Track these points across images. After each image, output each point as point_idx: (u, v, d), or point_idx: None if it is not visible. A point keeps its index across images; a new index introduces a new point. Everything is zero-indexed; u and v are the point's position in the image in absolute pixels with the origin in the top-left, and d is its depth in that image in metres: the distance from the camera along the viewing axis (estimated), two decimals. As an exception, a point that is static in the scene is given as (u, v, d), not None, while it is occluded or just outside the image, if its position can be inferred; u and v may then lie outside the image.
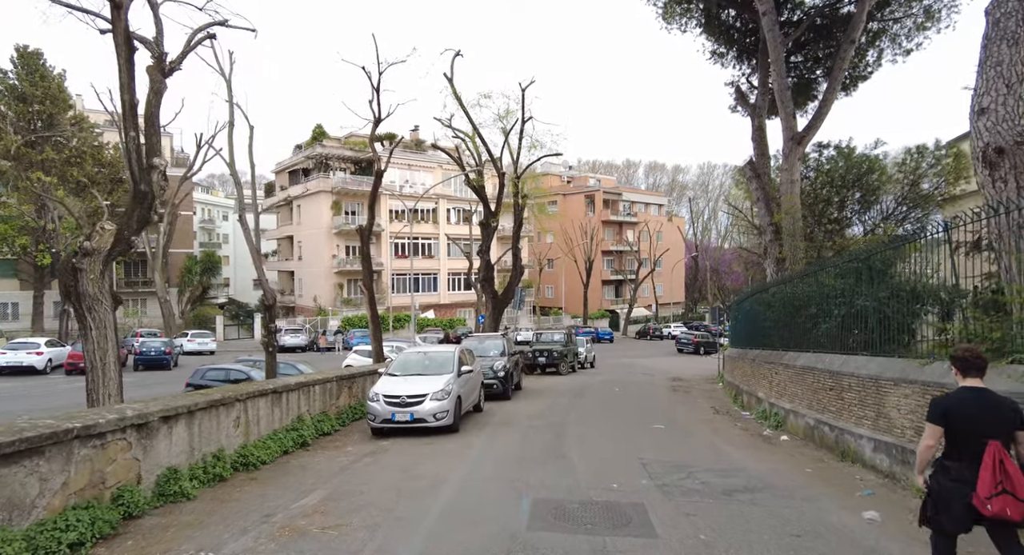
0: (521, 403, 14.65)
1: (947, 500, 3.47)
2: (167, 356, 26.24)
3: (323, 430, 10.04)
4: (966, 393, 3.57)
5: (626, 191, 75.23)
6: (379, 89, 19.98)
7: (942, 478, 3.54)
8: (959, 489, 3.41)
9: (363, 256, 21.37)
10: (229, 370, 18.28)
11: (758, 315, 15.29)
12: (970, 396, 3.54)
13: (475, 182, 26.28)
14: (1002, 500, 3.25)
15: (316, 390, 10.27)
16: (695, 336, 45.46)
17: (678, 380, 23.15)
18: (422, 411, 9.83)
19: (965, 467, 3.42)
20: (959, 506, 3.40)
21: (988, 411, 3.46)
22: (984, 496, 3.29)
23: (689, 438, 10.43)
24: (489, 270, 25.75)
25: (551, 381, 21.35)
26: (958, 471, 3.45)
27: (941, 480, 3.54)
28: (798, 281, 11.98)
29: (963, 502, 3.38)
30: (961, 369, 3.65)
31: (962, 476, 3.42)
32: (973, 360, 3.61)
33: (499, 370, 14.82)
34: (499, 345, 16.40)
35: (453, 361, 11.06)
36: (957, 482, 3.43)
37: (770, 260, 19.99)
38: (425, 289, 52.81)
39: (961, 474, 3.43)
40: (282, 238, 56.91)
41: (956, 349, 3.78)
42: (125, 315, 44.44)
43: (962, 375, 3.65)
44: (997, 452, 3.32)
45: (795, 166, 19.69)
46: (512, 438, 9.94)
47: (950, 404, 3.56)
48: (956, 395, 3.60)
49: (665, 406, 14.97)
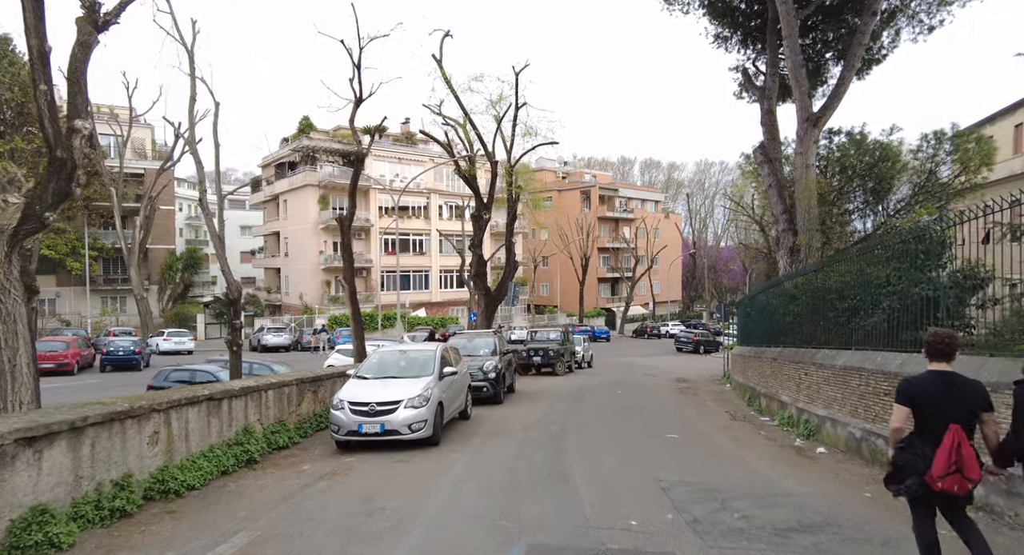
0: (514, 408, 13.10)
1: (904, 470, 3.71)
2: (136, 356, 24.52)
3: (278, 443, 8.45)
4: (931, 376, 3.73)
5: (622, 187, 73.78)
6: (360, 66, 18.37)
7: (906, 452, 3.74)
8: (915, 464, 3.63)
9: (343, 248, 19.75)
10: (195, 371, 16.69)
11: (776, 310, 13.80)
12: (935, 379, 3.70)
13: (467, 171, 24.62)
14: (952, 479, 3.47)
15: (270, 396, 8.67)
16: (695, 335, 44.06)
17: (683, 381, 21.66)
18: (395, 421, 8.26)
19: (926, 445, 3.61)
20: (913, 479, 3.63)
21: (951, 394, 3.62)
22: (936, 475, 3.50)
23: (710, 451, 8.91)
24: (481, 265, 24.18)
25: (547, 382, 19.80)
26: (920, 447, 3.64)
27: (905, 455, 3.74)
28: (829, 270, 10.47)
29: (917, 476, 3.60)
30: (928, 354, 3.80)
31: (923, 452, 3.61)
32: (937, 345, 3.74)
33: (489, 371, 13.27)
34: (490, 343, 14.85)
35: (434, 361, 9.47)
36: (916, 457, 3.64)
37: (783, 251, 18.53)
38: (416, 287, 51.19)
39: (923, 450, 3.62)
40: (268, 234, 55.16)
41: (927, 334, 3.88)
42: (102, 313, 42.63)
43: (929, 359, 3.80)
44: (956, 435, 3.49)
45: (810, 149, 18.24)
46: (503, 453, 8.37)
47: (915, 387, 3.73)
48: (921, 378, 3.77)
49: (675, 410, 13.46)
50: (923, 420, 3.67)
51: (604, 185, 69.61)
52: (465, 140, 24.47)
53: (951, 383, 3.66)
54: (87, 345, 26.13)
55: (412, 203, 51.05)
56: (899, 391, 3.79)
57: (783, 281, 14.07)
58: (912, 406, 3.70)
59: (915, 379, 3.81)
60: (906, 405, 3.72)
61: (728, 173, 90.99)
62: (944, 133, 21.87)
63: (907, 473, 3.68)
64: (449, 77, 22.74)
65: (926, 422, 3.65)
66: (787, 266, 18.12)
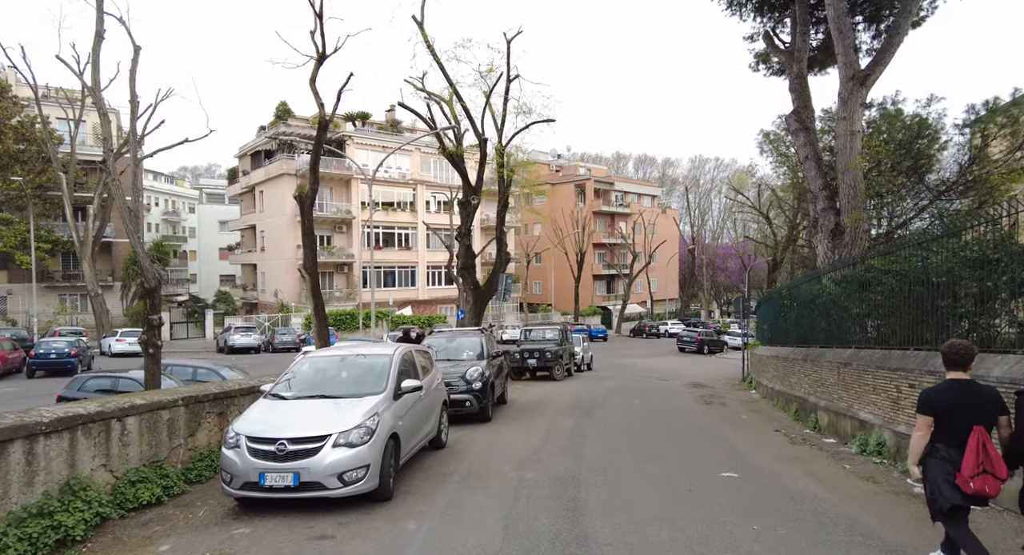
0: (506, 428, 10.10)
1: (936, 481, 3.76)
2: (71, 359, 21.30)
3: (140, 500, 5.43)
4: (950, 384, 3.89)
5: (618, 180, 71.00)
6: (322, 15, 15.33)
7: (931, 459, 3.83)
8: (944, 467, 3.73)
9: (304, 231, 16.71)
10: (119, 378, 13.56)
11: (834, 302, 10.92)
12: (953, 387, 3.86)
13: (453, 151, 21.47)
14: (982, 479, 3.58)
15: (130, 426, 5.63)
16: (699, 334, 41.25)
17: (700, 386, 18.78)
18: (317, 468, 5.24)
19: (952, 449, 3.73)
20: (945, 484, 3.69)
21: (969, 400, 3.78)
22: (967, 475, 3.60)
23: (795, 498, 5.99)
24: (470, 257, 21.16)
25: (545, 389, 16.84)
26: (946, 451, 3.75)
27: (930, 461, 3.84)
28: (942, 243, 7.56)
29: (948, 480, 3.69)
30: (946, 364, 3.99)
31: (949, 456, 3.73)
32: (952, 356, 3.90)
33: (474, 380, 10.26)
34: (476, 344, 11.84)
35: (387, 373, 6.45)
36: (944, 461, 3.74)
37: (823, 234, 15.63)
38: (402, 283, 48.06)
39: (949, 454, 3.73)
40: (245, 228, 51.87)
41: (944, 346, 4.02)
42: (58, 312, 39.23)
43: (947, 369, 3.98)
44: (980, 436, 3.64)
45: (856, 113, 15.41)
46: (487, 517, 5.39)
47: (936, 396, 3.90)
48: (940, 387, 3.97)
49: (711, 429, 10.54)
50: (946, 426, 3.78)
51: (599, 178, 66.76)
52: (451, 118, 21.39)
53: (968, 390, 3.81)
54: (15, 347, 22.87)
55: (398, 195, 47.94)
56: (920, 401, 3.93)
57: (840, 267, 11.17)
58: (934, 415, 3.83)
59: (935, 389, 3.98)
60: (928, 415, 3.85)
61: (724, 169, 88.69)
62: (999, 101, 19.07)
63: (939, 481, 3.74)
64: (432, 42, 19.68)
65: (950, 428, 3.78)
66: (828, 251, 15.26)
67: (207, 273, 72.04)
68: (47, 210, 37.31)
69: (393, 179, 47.56)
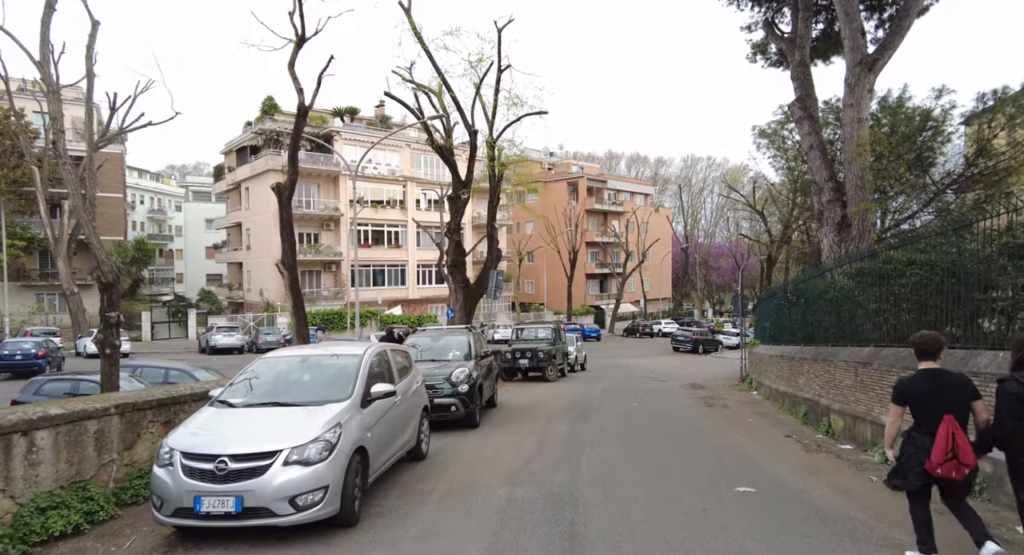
0: (495, 435, 9.23)
1: (906, 464, 4.02)
2: (38, 360, 20.21)
3: (48, 532, 4.51)
4: (922, 374, 4.08)
5: (611, 178, 70.25)
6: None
7: (907, 446, 4.06)
8: (917, 455, 3.94)
9: (282, 224, 15.76)
10: (79, 381, 12.63)
11: (843, 299, 10.16)
12: (925, 377, 4.04)
13: (442, 143, 20.53)
14: (950, 466, 3.79)
15: (39, 441, 4.70)
16: (694, 333, 40.54)
17: (698, 387, 18.00)
18: (263, 491, 4.35)
19: (926, 436, 3.91)
20: (914, 469, 3.95)
21: (942, 389, 3.96)
22: (936, 462, 3.82)
23: (825, 523, 5.16)
24: (459, 254, 20.26)
25: (537, 391, 15.99)
26: (920, 440, 3.95)
27: (906, 448, 4.06)
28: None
29: (916, 467, 3.94)
30: (917, 354, 4.18)
31: (922, 443, 3.92)
32: (923, 346, 4.09)
33: (460, 382, 9.38)
34: (463, 343, 10.95)
35: (355, 377, 5.55)
36: (917, 449, 3.95)
37: (829, 227, 14.87)
38: (392, 282, 47.04)
39: (922, 442, 3.93)
40: (231, 226, 50.63)
41: (914, 337, 4.24)
42: (35, 311, 37.95)
43: (919, 359, 4.17)
44: (950, 425, 3.82)
45: (864, 99, 14.67)
46: (470, 549, 4.52)
47: (907, 386, 4.11)
48: (913, 377, 4.17)
49: (716, 435, 9.74)
50: (919, 415, 3.99)
51: (592, 176, 66.00)
52: (440, 108, 20.47)
53: (940, 379, 4.00)
54: (-19, 347, 21.73)
55: (388, 192, 46.91)
56: (894, 391, 4.13)
57: (854, 260, 10.40)
58: (908, 404, 4.05)
59: (908, 379, 4.19)
60: (901, 404, 4.08)
61: (716, 169, 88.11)
62: (1008, 91, 18.42)
63: (909, 466, 3.98)
64: (419, 29, 18.76)
65: (922, 416, 3.96)
66: (834, 245, 14.52)
67: (194, 272, 70.68)
68: (23, 206, 36.04)
69: (383, 176, 46.56)
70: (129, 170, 73.07)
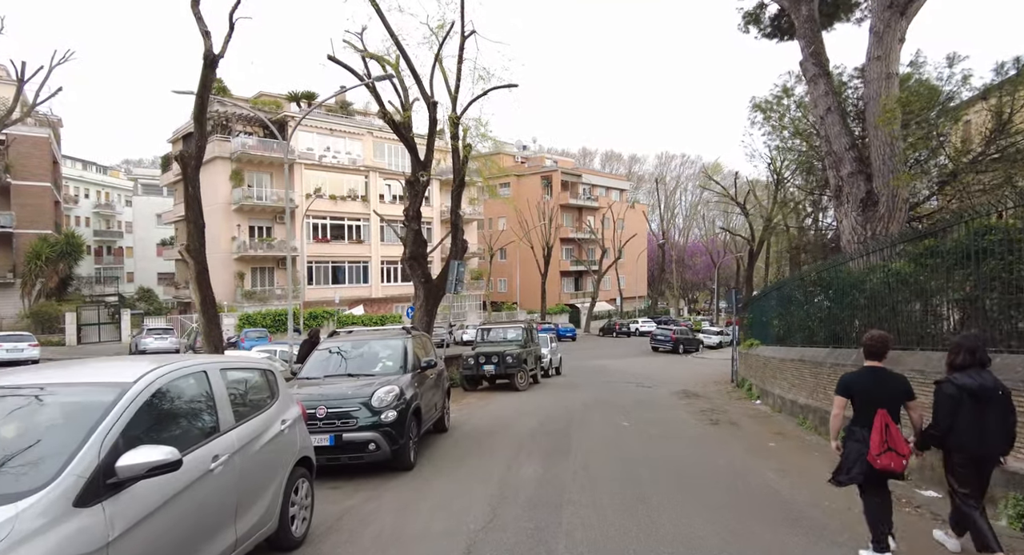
0: (430, 486, 6.40)
1: (850, 457, 4.21)
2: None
3: None
4: (866, 371, 4.34)
5: (586, 173, 67.97)
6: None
7: (849, 440, 4.26)
8: (859, 448, 4.15)
9: (187, 200, 12.91)
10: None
11: (898, 286, 7.65)
12: (868, 373, 4.31)
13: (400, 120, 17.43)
14: (888, 456, 4.03)
15: None
16: (674, 332, 38.26)
17: (693, 395, 15.46)
18: None
19: (865, 430, 4.13)
20: (858, 462, 4.13)
21: (880, 386, 4.22)
22: (875, 453, 4.04)
23: None
24: (419, 245, 17.34)
25: (504, 404, 13.23)
26: (860, 433, 4.16)
27: (848, 442, 4.27)
28: None
29: (861, 459, 4.12)
30: (864, 354, 4.42)
31: (863, 436, 4.13)
32: (871, 346, 4.34)
33: (385, 407, 6.55)
34: (396, 352, 8.03)
35: (83, 439, 2.59)
36: (859, 443, 4.16)
37: (850, 204, 12.35)
38: (353, 280, 43.70)
39: (862, 435, 4.14)
40: (178, 220, 46.58)
41: (864, 337, 4.45)
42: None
43: (865, 358, 4.41)
44: (883, 418, 4.06)
45: (894, 51, 12.22)
46: None
47: (851, 380, 4.34)
48: (857, 373, 4.40)
49: (747, 476, 7.06)
50: (859, 408, 4.22)
51: (567, 170, 63.56)
52: (396, 75, 17.47)
53: (881, 377, 4.26)
54: None
55: (348, 182, 43.56)
56: (839, 384, 4.39)
57: (917, 238, 7.90)
58: (849, 396, 4.28)
59: (852, 374, 4.41)
60: (844, 396, 4.31)
61: (690, 166, 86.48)
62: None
63: (852, 459, 4.18)
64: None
65: (861, 410, 4.20)
66: (856, 226, 12.04)
67: (144, 270, 65.98)
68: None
69: (343, 165, 43.21)
70: (72, 162, 68.12)
